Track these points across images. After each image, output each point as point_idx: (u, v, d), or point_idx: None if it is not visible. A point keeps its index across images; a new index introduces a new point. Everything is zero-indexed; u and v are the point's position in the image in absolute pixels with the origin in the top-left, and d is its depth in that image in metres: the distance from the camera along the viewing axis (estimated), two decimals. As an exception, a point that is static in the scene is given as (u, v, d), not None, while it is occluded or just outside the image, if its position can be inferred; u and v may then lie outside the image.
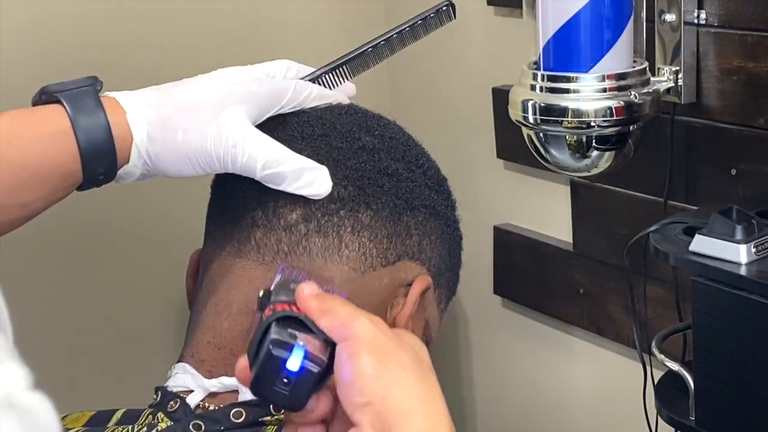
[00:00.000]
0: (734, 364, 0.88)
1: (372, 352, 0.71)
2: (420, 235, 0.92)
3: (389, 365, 0.71)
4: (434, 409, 0.71)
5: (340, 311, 0.73)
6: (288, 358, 0.72)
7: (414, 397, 0.70)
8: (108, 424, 0.89)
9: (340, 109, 0.96)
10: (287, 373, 0.72)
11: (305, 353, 0.72)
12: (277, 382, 0.72)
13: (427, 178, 0.95)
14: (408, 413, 0.70)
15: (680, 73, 1.07)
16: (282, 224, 0.89)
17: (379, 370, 0.70)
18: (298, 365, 0.72)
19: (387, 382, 0.70)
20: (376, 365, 0.70)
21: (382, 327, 0.73)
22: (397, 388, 0.70)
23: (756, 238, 0.87)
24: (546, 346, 1.37)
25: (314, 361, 0.72)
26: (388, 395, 0.70)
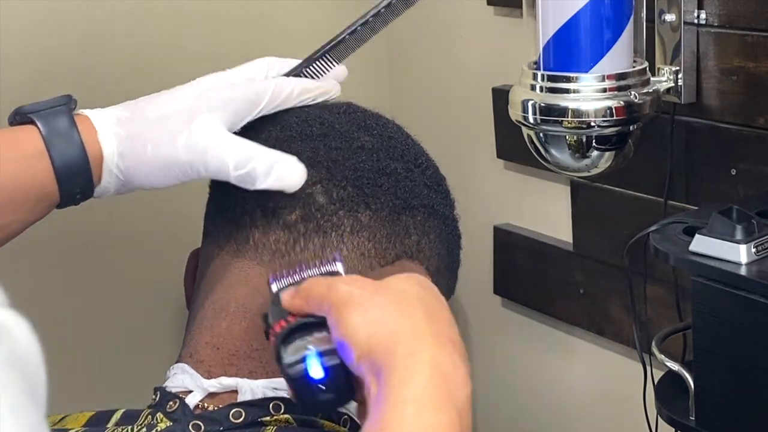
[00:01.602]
0: (734, 364, 0.88)
1: (350, 310, 0.71)
2: (419, 235, 0.92)
3: (367, 313, 0.71)
4: (414, 332, 0.71)
5: (315, 289, 0.74)
6: (308, 370, 0.72)
7: (392, 332, 0.70)
8: (107, 424, 0.89)
9: (339, 108, 0.96)
10: (317, 382, 0.72)
11: (317, 354, 0.72)
12: (316, 393, 0.73)
13: (425, 177, 0.95)
14: (389, 347, 0.70)
15: (680, 73, 1.07)
16: (281, 224, 0.89)
17: (359, 322, 0.71)
18: (321, 369, 0.72)
19: (368, 329, 0.71)
20: (355, 319, 0.71)
21: (358, 282, 0.74)
22: (377, 331, 0.70)
23: (756, 238, 0.87)
24: (546, 346, 1.37)
25: (329, 354, 0.72)
26: (370, 341, 0.70)
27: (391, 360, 0.69)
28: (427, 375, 0.68)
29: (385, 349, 0.70)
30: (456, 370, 0.70)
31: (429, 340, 0.70)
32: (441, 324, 0.73)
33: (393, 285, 0.75)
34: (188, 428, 0.85)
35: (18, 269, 1.27)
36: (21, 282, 1.28)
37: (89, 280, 1.33)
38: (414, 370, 0.68)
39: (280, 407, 0.85)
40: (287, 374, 0.73)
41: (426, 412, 0.67)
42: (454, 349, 0.71)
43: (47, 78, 1.31)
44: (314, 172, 0.90)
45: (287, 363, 0.73)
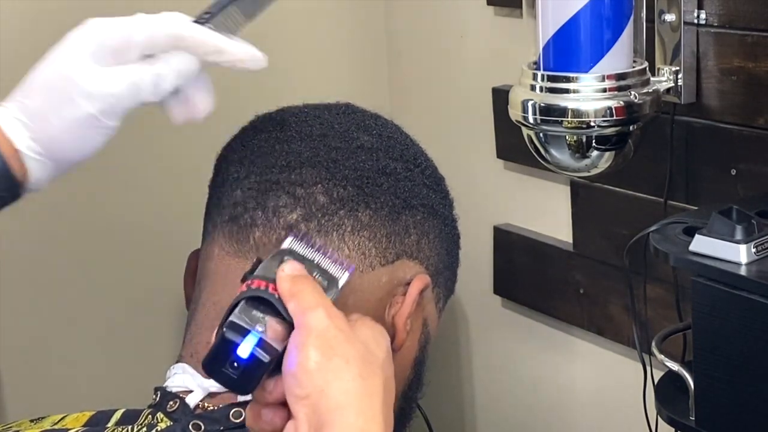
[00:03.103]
0: (734, 364, 0.88)
1: (318, 345, 0.71)
2: (418, 234, 0.93)
3: (332, 359, 0.71)
4: (370, 405, 0.71)
5: (305, 298, 0.73)
6: (240, 344, 0.71)
7: (350, 392, 0.70)
8: (108, 424, 0.89)
9: (338, 108, 0.97)
10: (236, 358, 0.72)
11: (259, 341, 0.71)
12: (226, 364, 0.72)
13: (425, 177, 0.95)
14: (342, 408, 0.70)
15: (680, 73, 1.07)
16: (281, 224, 0.89)
17: (321, 363, 0.70)
18: (248, 353, 0.71)
19: (327, 376, 0.70)
20: (318, 358, 0.70)
21: (337, 320, 0.73)
22: (334, 382, 0.70)
23: (756, 238, 0.87)
24: (546, 346, 1.37)
25: (267, 350, 0.72)
26: (325, 389, 0.70)
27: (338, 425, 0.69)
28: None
29: (336, 409, 0.69)
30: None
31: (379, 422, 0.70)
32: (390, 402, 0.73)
33: (363, 337, 0.74)
34: (188, 428, 0.86)
35: (18, 270, 1.27)
36: (21, 282, 1.28)
37: (89, 280, 1.33)
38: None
39: (280, 407, 0.85)
40: (222, 328, 0.72)
41: None
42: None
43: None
44: (314, 171, 0.90)
45: (233, 321, 0.72)
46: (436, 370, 1.18)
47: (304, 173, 0.90)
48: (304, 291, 0.74)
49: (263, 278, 0.74)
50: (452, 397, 1.50)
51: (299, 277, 0.75)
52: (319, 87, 1.44)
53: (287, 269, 0.75)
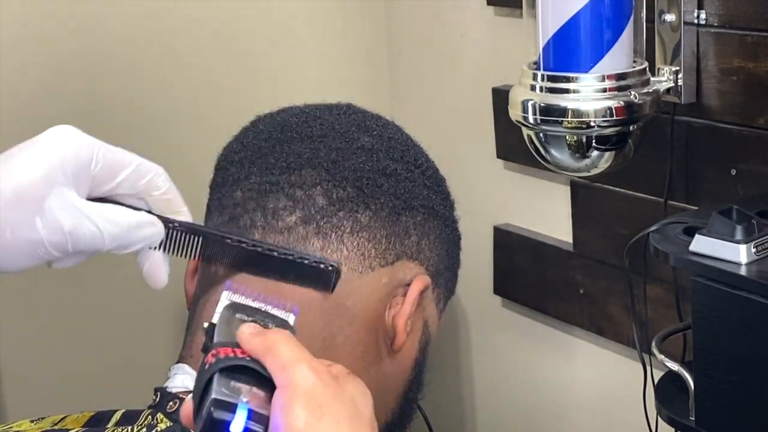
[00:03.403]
0: (734, 364, 0.88)
1: (306, 404, 0.68)
2: (419, 235, 0.93)
3: (322, 419, 0.68)
4: None
5: (282, 353, 0.70)
6: (231, 421, 0.68)
7: None
8: (107, 424, 0.89)
9: (339, 109, 0.97)
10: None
11: (249, 413, 0.68)
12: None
13: (425, 178, 0.95)
14: None
15: (680, 73, 1.07)
16: (281, 226, 0.89)
17: (311, 424, 0.67)
18: (242, 427, 0.68)
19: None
20: (308, 419, 0.67)
21: (323, 375, 0.70)
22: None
23: (756, 238, 0.87)
24: (546, 346, 1.37)
25: (258, 420, 0.68)
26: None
27: None
28: None
29: None
30: None
31: None
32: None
33: (352, 396, 0.72)
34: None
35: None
36: (21, 282, 1.28)
37: (89, 280, 1.33)
38: None
39: (280, 407, 0.85)
40: (210, 410, 0.68)
41: None
42: None
43: (48, 83, 1.31)
44: (314, 172, 0.90)
45: (217, 399, 0.68)
46: (436, 371, 1.18)
47: (303, 174, 0.90)
48: (278, 343, 0.70)
49: (226, 345, 0.71)
50: (452, 397, 1.50)
51: (266, 332, 0.72)
52: (320, 87, 1.44)
53: (247, 331, 0.71)
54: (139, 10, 1.33)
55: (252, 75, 1.42)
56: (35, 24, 1.28)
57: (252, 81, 1.42)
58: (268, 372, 0.69)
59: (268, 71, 1.44)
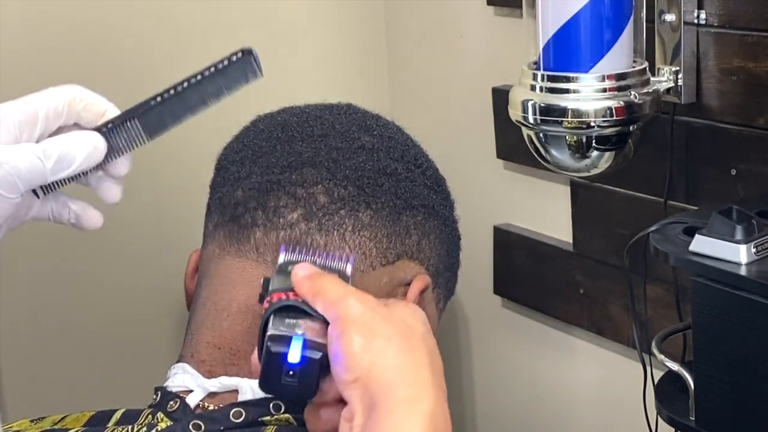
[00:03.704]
0: (734, 364, 0.88)
1: (358, 330, 0.72)
2: (419, 235, 0.93)
3: (374, 340, 0.71)
4: (417, 376, 0.71)
5: (330, 291, 0.74)
6: (288, 352, 0.72)
7: (397, 368, 0.71)
8: (108, 424, 0.89)
9: (339, 109, 0.97)
10: (290, 367, 0.72)
11: (304, 342, 0.72)
12: (283, 376, 0.73)
13: (425, 178, 0.95)
14: (391, 384, 0.70)
15: (680, 73, 1.07)
16: (282, 223, 0.89)
17: (364, 345, 0.71)
18: (299, 356, 0.72)
19: (372, 357, 0.71)
20: (360, 341, 0.71)
21: (371, 303, 0.74)
22: (380, 361, 0.71)
23: (756, 238, 0.87)
24: (546, 346, 1.37)
25: (315, 347, 0.72)
26: (372, 369, 0.71)
27: (390, 400, 0.70)
28: (423, 427, 0.69)
29: (386, 386, 0.70)
30: (445, 425, 0.71)
31: (430, 390, 0.71)
32: (438, 370, 0.74)
33: (401, 317, 0.75)
34: (189, 428, 0.86)
35: (18, 270, 1.27)
36: (21, 283, 1.28)
37: (89, 280, 1.33)
38: (411, 419, 0.69)
39: (280, 407, 0.85)
40: (266, 345, 0.72)
41: None
42: (445, 401, 0.72)
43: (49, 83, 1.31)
44: (315, 171, 0.90)
45: (272, 334, 0.72)
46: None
47: (304, 173, 0.90)
48: (326, 285, 0.75)
49: (280, 290, 0.75)
50: (452, 397, 1.50)
51: (315, 274, 0.76)
52: (320, 87, 1.44)
53: (300, 272, 0.76)
54: (138, 10, 1.33)
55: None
56: (36, 24, 1.28)
57: (253, 81, 1.42)
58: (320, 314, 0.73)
59: (268, 71, 1.44)
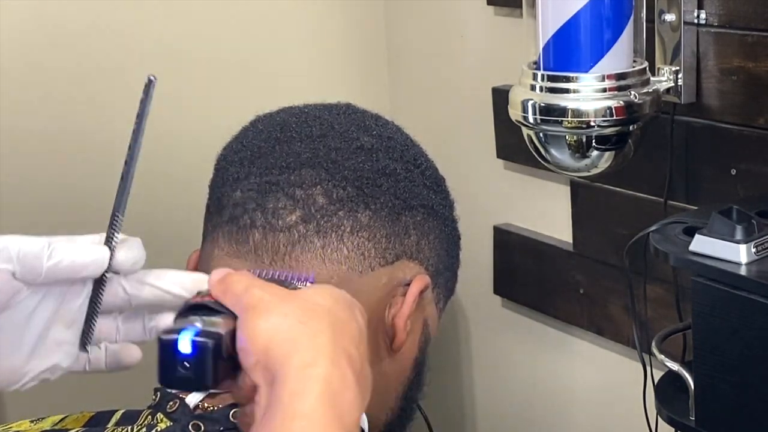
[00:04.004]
0: (734, 364, 0.88)
1: (256, 314, 0.71)
2: (418, 235, 0.92)
3: (270, 318, 0.71)
4: (313, 344, 0.70)
5: (236, 286, 0.73)
6: (177, 340, 0.71)
7: (292, 339, 0.70)
8: (108, 424, 0.89)
9: (338, 109, 0.96)
10: (182, 357, 0.71)
11: (196, 332, 0.71)
12: (177, 368, 0.72)
13: (425, 178, 0.95)
14: (286, 354, 0.69)
15: (680, 73, 1.07)
16: (281, 225, 0.89)
17: (260, 325, 0.70)
18: (189, 345, 0.71)
19: (268, 334, 0.70)
20: (258, 323, 0.70)
21: (272, 289, 0.73)
22: (275, 337, 0.70)
23: (756, 238, 0.87)
24: (546, 346, 1.37)
25: (207, 335, 0.71)
26: (269, 346, 0.70)
27: (285, 370, 0.69)
28: (318, 391, 0.68)
29: (281, 357, 0.69)
30: (346, 390, 0.69)
31: (325, 354, 0.70)
32: (343, 338, 0.72)
33: (303, 295, 0.74)
34: (188, 428, 0.86)
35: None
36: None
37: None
38: (306, 385, 0.68)
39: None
40: (159, 339, 0.72)
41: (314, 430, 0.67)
42: (348, 366, 0.70)
43: (49, 83, 1.31)
44: (314, 172, 0.90)
45: (166, 329, 0.72)
46: (436, 370, 1.18)
47: (303, 174, 0.90)
48: (233, 282, 0.74)
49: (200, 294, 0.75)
50: (452, 397, 1.50)
51: (227, 275, 0.75)
52: (319, 87, 1.44)
53: (215, 275, 0.75)
54: (139, 10, 1.33)
55: (252, 75, 1.42)
56: (36, 23, 1.28)
57: (252, 81, 1.42)
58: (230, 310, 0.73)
59: (268, 71, 1.44)
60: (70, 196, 1.33)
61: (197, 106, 1.38)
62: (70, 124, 1.33)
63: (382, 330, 0.90)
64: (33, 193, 1.32)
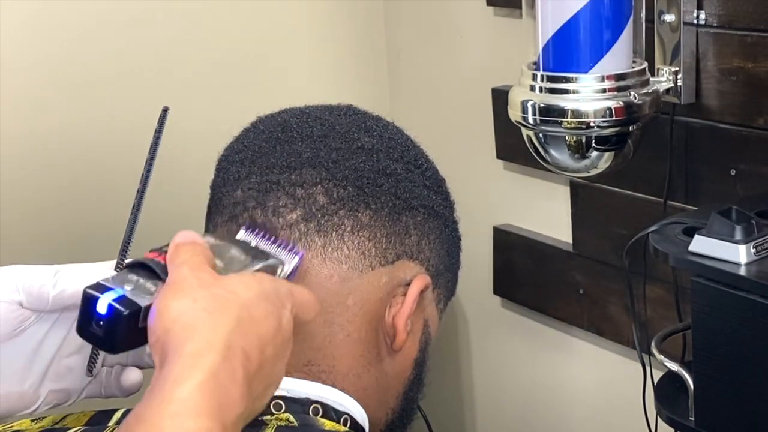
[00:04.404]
0: (734, 364, 0.88)
1: (171, 292, 0.71)
2: (419, 235, 0.93)
3: (180, 300, 0.70)
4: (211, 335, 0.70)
5: (176, 259, 0.74)
6: (98, 299, 0.72)
7: (192, 327, 0.70)
8: (108, 423, 0.89)
9: (339, 110, 0.97)
10: (98, 315, 0.72)
11: (119, 297, 0.72)
12: (93, 323, 0.72)
13: (425, 178, 0.95)
14: (182, 340, 0.69)
15: (680, 74, 1.07)
16: (281, 223, 0.89)
17: (169, 305, 0.70)
18: (106, 307, 0.72)
19: (172, 315, 0.70)
20: (169, 302, 0.70)
21: (199, 272, 0.73)
22: (179, 320, 0.70)
23: (755, 239, 0.87)
24: (546, 346, 1.37)
25: (126, 304, 0.72)
26: (171, 327, 0.70)
27: (175, 355, 0.68)
28: (200, 380, 0.68)
29: (177, 342, 0.69)
30: (232, 386, 0.69)
31: (219, 347, 0.69)
32: (246, 336, 0.71)
33: (227, 284, 0.74)
34: (188, 427, 0.85)
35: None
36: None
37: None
38: (190, 372, 0.68)
39: (280, 406, 0.85)
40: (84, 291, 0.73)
41: (186, 416, 0.66)
42: (242, 365, 0.70)
43: (49, 84, 1.31)
44: (315, 172, 0.90)
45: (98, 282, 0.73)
46: (436, 370, 1.18)
47: (304, 174, 0.90)
48: (180, 251, 0.74)
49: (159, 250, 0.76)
50: (452, 397, 1.50)
51: (184, 243, 0.76)
52: (320, 87, 1.44)
53: (177, 238, 0.76)
54: (139, 11, 1.33)
55: (253, 76, 1.42)
56: (37, 23, 1.28)
57: (253, 82, 1.42)
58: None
59: (268, 72, 1.44)
60: (70, 195, 1.33)
61: (198, 107, 1.38)
62: (70, 124, 1.33)
63: (383, 330, 0.90)
64: (37, 198, 1.32)
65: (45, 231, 1.30)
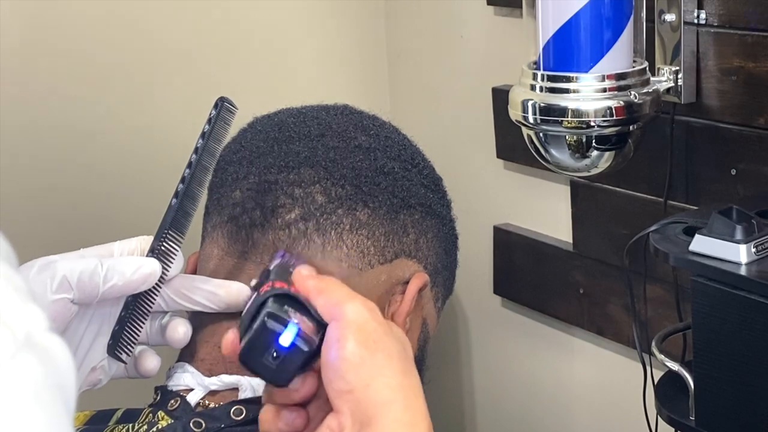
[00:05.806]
0: (734, 364, 0.88)
1: (360, 338, 0.70)
2: (416, 234, 0.93)
3: (376, 353, 0.70)
4: (416, 402, 0.70)
5: (335, 291, 0.72)
6: (281, 333, 0.71)
7: (397, 388, 0.69)
8: (108, 422, 0.89)
9: (336, 109, 0.97)
10: (278, 347, 0.71)
11: (298, 331, 0.71)
12: (266, 354, 0.72)
13: (422, 177, 0.96)
14: (389, 404, 0.69)
15: (680, 73, 1.07)
16: (280, 223, 0.89)
17: (365, 357, 0.69)
18: (290, 341, 0.71)
19: (371, 371, 0.69)
20: (362, 352, 0.69)
21: (375, 313, 0.72)
22: (380, 378, 0.69)
23: (756, 238, 0.87)
24: (546, 346, 1.37)
25: (306, 340, 0.71)
26: (371, 384, 0.69)
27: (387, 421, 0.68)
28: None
29: (383, 405, 0.69)
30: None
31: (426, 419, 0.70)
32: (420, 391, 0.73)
33: (399, 335, 0.74)
34: (189, 425, 0.86)
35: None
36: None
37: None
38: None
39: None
40: (263, 319, 0.72)
41: None
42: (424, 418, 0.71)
43: (50, 84, 1.32)
44: (313, 171, 0.90)
45: (270, 311, 0.72)
46: (435, 370, 1.18)
47: (302, 173, 0.90)
48: (331, 285, 0.73)
49: (282, 281, 0.74)
50: (452, 397, 1.50)
51: (320, 276, 0.74)
52: (319, 88, 1.44)
53: (304, 271, 0.74)
54: (139, 10, 1.33)
55: (252, 76, 1.42)
56: (37, 23, 1.28)
57: (252, 82, 1.42)
58: (318, 314, 0.72)
59: (268, 71, 1.44)
60: (70, 196, 1.33)
61: (197, 107, 1.38)
62: (70, 124, 1.33)
63: (382, 329, 0.91)
64: (37, 198, 1.32)
65: (45, 229, 1.30)
